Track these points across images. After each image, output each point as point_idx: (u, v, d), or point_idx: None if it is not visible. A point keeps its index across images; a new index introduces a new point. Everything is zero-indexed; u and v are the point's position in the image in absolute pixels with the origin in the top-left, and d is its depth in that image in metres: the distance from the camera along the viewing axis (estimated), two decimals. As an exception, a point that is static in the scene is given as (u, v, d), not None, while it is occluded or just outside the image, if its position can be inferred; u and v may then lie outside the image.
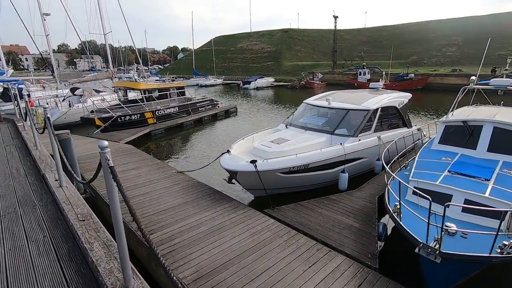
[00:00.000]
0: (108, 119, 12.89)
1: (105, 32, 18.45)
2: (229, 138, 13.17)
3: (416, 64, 47.27)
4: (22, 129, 6.94)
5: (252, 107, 23.28)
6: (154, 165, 8.09)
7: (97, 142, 8.50)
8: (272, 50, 58.59)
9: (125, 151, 9.60)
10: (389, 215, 4.34)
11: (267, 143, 7.09)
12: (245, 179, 6.27)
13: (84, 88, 17.05)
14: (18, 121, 8.06)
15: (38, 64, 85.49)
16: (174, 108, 15.74)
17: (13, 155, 5.40)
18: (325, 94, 9.60)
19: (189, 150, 11.72)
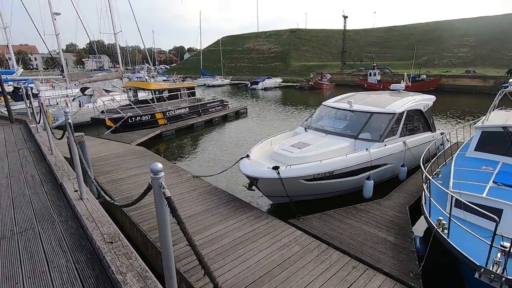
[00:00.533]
0: (119, 120, 12.68)
1: (115, 32, 18.30)
2: (241, 140, 12.88)
3: (427, 65, 46.44)
4: (35, 131, 6.69)
5: (261, 108, 22.96)
6: (169, 169, 7.81)
7: (109, 143, 8.15)
8: (280, 50, 58.20)
9: (137, 153, 9.35)
10: (432, 230, 3.97)
11: (288, 147, 6.76)
12: (266, 186, 5.95)
13: (94, 88, 16.92)
14: (30, 122, 7.85)
15: (47, 63, 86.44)
16: (184, 109, 15.49)
17: (27, 160, 5.12)
18: (344, 96, 9.22)
19: (201, 153, 11.44)
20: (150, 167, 1.82)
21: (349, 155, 6.27)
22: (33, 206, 3.40)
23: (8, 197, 3.66)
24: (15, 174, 4.65)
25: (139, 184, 6.69)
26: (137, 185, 6.63)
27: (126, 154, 9.28)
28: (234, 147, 11.87)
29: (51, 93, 22.63)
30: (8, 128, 8.15)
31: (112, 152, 9.49)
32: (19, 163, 5.03)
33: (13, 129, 7.63)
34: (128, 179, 7.06)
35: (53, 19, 22.11)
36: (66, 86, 23.69)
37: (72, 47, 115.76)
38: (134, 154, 9.23)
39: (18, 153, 5.49)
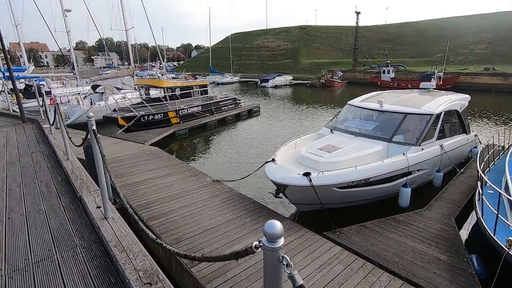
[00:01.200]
0: (132, 119, 12.34)
1: (127, 28, 17.98)
2: (256, 141, 12.41)
3: (442, 62, 45.20)
4: (49, 132, 6.35)
5: (273, 107, 22.43)
6: (186, 172, 7.39)
7: (122, 143, 7.74)
8: (289, 48, 57.38)
9: (152, 154, 8.96)
10: (501, 252, 3.43)
11: (316, 151, 6.26)
12: (295, 193, 5.47)
13: (105, 86, 16.64)
14: (43, 121, 7.53)
15: (57, 61, 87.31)
16: (197, 107, 15.09)
17: (40, 166, 4.75)
18: (371, 95, 8.67)
19: (216, 154, 10.99)
20: (264, 229, 1.33)
21: (386, 160, 5.74)
22: (50, 225, 2.99)
23: (22, 213, 3.26)
24: (28, 183, 4.27)
25: (157, 189, 6.28)
26: (155, 190, 6.22)
27: (140, 155, 8.90)
28: (250, 148, 11.41)
29: (62, 90, 22.55)
30: (20, 129, 7.91)
31: (126, 152, 9.13)
32: (32, 169, 4.66)
33: (25, 129, 7.32)
34: (144, 183, 6.66)
35: (64, 15, 21.96)
36: (77, 83, 23.61)
37: (81, 44, 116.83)
38: (148, 155, 8.85)
39: (32, 157, 5.11)
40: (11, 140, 6.27)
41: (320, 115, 18.51)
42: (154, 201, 5.72)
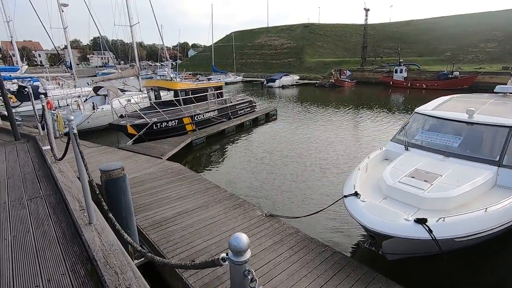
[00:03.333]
0: (142, 127, 10.72)
1: (132, 24, 16.30)
2: (286, 152, 10.86)
3: (451, 61, 44.02)
4: (52, 159, 4.63)
5: (288, 109, 20.88)
6: (226, 200, 5.84)
7: (135, 157, 5.87)
8: (293, 46, 55.78)
9: (175, 173, 7.38)
10: None
11: (408, 179, 4.74)
12: (399, 245, 3.96)
13: (108, 88, 14.96)
14: (42, 140, 5.85)
15: (52, 60, 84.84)
16: (213, 112, 13.50)
17: (45, 235, 2.89)
18: (442, 101, 7.20)
19: (245, 171, 9.30)
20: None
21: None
22: None
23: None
24: (25, 270, 2.56)
25: (199, 231, 4.73)
26: (197, 234, 4.66)
27: (162, 174, 7.32)
28: (283, 160, 9.86)
29: (59, 92, 20.76)
30: (11, 151, 5.99)
31: (143, 171, 7.53)
32: (30, 241, 2.85)
33: (18, 152, 5.65)
34: (178, 221, 5.09)
35: (60, 10, 20.22)
36: (75, 84, 21.86)
37: (75, 43, 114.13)
38: (171, 175, 7.26)
39: (28, 208, 3.32)
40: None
41: (345, 119, 17.02)
42: (199, 251, 4.18)
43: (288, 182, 7.98)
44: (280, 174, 8.58)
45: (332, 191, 7.38)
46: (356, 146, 11.15)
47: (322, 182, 7.90)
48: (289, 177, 8.35)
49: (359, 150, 10.59)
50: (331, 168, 8.82)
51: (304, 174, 8.46)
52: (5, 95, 5.89)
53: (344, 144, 11.46)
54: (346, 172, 8.47)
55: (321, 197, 7.08)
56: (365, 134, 13.16)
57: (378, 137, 12.51)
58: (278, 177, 8.38)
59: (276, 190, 7.63)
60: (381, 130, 13.79)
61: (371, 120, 16.44)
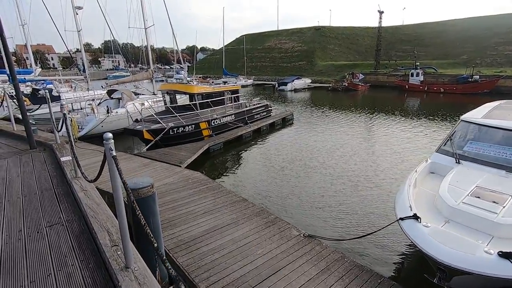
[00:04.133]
0: (159, 132, 10.29)
1: (146, 26, 16.02)
2: (308, 161, 10.27)
3: (467, 64, 42.81)
4: (72, 172, 4.11)
5: (303, 114, 20.27)
6: (256, 216, 5.30)
7: (153, 165, 5.26)
8: (304, 49, 55.24)
9: (198, 183, 6.87)
10: None
11: (473, 200, 4.12)
12: (476, 282, 3.35)
13: (122, 91, 14.65)
14: (59, 149, 5.41)
15: (64, 63, 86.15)
16: (230, 117, 13.02)
17: (65, 260, 2.33)
18: (490, 108, 6.55)
19: (269, 180, 8.75)
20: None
21: None
22: None
23: None
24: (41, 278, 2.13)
25: (229, 256, 4.18)
26: (229, 258, 4.12)
27: (183, 184, 6.82)
28: (306, 170, 9.27)
29: (72, 95, 20.64)
30: (26, 162, 5.48)
31: (164, 181, 7.05)
32: (47, 253, 2.44)
33: (34, 163, 5.23)
34: (206, 240, 4.57)
35: (74, 13, 20.11)
36: (88, 87, 21.73)
37: (87, 46, 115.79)
38: (194, 185, 6.76)
39: (48, 240, 2.71)
40: (10, 188, 4.23)
41: (364, 125, 16.35)
42: (235, 280, 3.64)
43: (317, 197, 7.31)
44: (306, 188, 7.92)
45: (369, 209, 6.73)
46: (383, 155, 10.47)
47: (356, 198, 7.24)
48: (316, 191, 7.70)
49: (386, 160, 9.93)
50: (362, 181, 8.17)
51: (333, 188, 7.81)
52: (21, 100, 5.48)
53: (370, 153, 10.80)
54: (380, 186, 7.83)
55: (358, 216, 6.46)
56: (390, 141, 12.47)
57: (406, 145, 11.83)
58: (305, 191, 7.72)
59: (304, 206, 7.00)
60: (408, 138, 13.08)
61: (393, 126, 15.73)
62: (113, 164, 1.68)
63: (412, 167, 9.17)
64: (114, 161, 1.69)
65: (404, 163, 9.50)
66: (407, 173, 8.50)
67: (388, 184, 7.95)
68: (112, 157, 1.71)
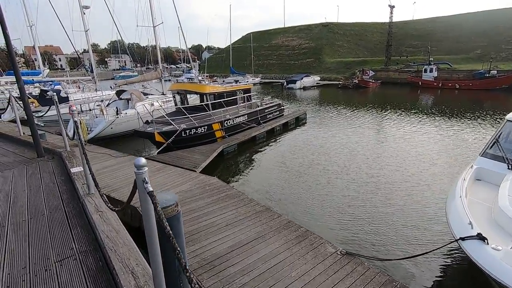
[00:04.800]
0: (171, 134, 9.85)
1: (155, 24, 15.59)
2: (327, 165, 9.71)
3: (481, 59, 41.52)
4: (82, 185, 3.78)
5: (315, 113, 19.65)
6: (285, 229, 4.80)
7: (167, 169, 4.79)
8: (312, 46, 54.36)
9: (216, 190, 6.40)
10: None
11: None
12: None
13: (131, 91, 14.27)
14: (68, 157, 5.07)
15: (71, 64, 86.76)
16: (243, 117, 12.52)
17: (72, 286, 2.02)
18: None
19: (283, 187, 8.27)
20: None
21: None
22: None
23: None
24: None
25: (261, 278, 3.69)
26: (260, 282, 3.63)
27: (200, 192, 6.35)
28: (326, 175, 8.71)
29: (80, 96, 20.40)
30: (33, 173, 4.95)
31: (178, 187, 6.60)
32: None
33: (41, 175, 4.70)
34: (232, 259, 4.08)
35: (82, 13, 19.80)
36: (96, 87, 21.47)
37: (94, 47, 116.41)
38: (211, 193, 6.29)
39: (58, 281, 2.22)
40: (15, 207, 3.76)
41: (381, 124, 15.70)
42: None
43: (344, 208, 6.69)
44: (329, 196, 7.30)
45: (404, 221, 6.05)
46: (408, 158, 9.78)
47: (388, 208, 6.57)
48: (342, 200, 7.07)
49: (413, 164, 9.29)
50: (391, 189, 7.55)
51: (360, 197, 7.17)
52: (27, 106, 5.03)
53: (394, 155, 10.17)
54: (412, 195, 7.14)
55: (394, 230, 5.84)
56: (412, 142, 11.82)
57: (432, 147, 11.18)
58: (328, 200, 7.10)
59: (330, 217, 6.41)
60: (431, 138, 12.41)
61: (412, 125, 15.04)
62: (149, 201, 1.21)
63: (443, 172, 8.50)
64: (150, 198, 1.21)
65: (433, 168, 8.82)
66: (440, 179, 7.92)
67: (420, 192, 7.30)
68: (148, 193, 1.24)
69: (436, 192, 7.23)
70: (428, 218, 6.11)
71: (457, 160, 9.50)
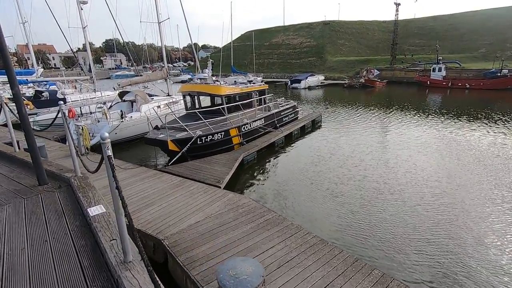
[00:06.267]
0: (185, 142, 8.75)
1: (160, 20, 14.45)
2: (354, 177, 8.72)
3: (486, 58, 40.94)
4: (111, 242, 2.55)
5: (328, 115, 18.63)
6: (359, 273, 3.79)
7: (186, 184, 3.91)
8: (313, 45, 53.37)
9: (251, 214, 5.35)
10: None
11: None
12: None
13: (136, 92, 13.14)
14: (83, 190, 3.72)
15: (66, 63, 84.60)
16: (260, 121, 11.47)
17: None
18: None
19: (318, 206, 7.24)
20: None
21: None
22: None
23: None
24: None
25: None
26: None
27: (234, 216, 5.29)
28: (365, 194, 7.70)
29: (78, 97, 19.16)
30: (33, 213, 3.50)
31: (205, 210, 5.53)
32: None
33: (46, 216, 3.37)
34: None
35: (79, 8, 18.53)
36: (95, 88, 20.24)
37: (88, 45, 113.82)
38: (247, 217, 5.24)
39: None
40: (7, 278, 2.38)
41: (402, 127, 14.75)
42: None
43: (398, 240, 5.45)
44: (381, 222, 6.08)
45: (492, 258, 5.00)
46: (458, 170, 8.64)
47: (460, 238, 5.48)
48: (396, 229, 5.82)
49: (461, 175, 8.32)
50: (446, 205, 6.52)
51: (415, 221, 6.00)
52: (26, 122, 3.82)
53: (433, 164, 9.16)
54: (485, 217, 6.11)
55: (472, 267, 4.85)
56: (449, 148, 10.84)
57: (471, 153, 10.23)
58: (382, 228, 5.85)
59: (386, 246, 5.34)
60: (466, 142, 11.50)
61: (437, 127, 14.11)
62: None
63: (499, 184, 7.31)
64: None
65: (488, 182, 7.73)
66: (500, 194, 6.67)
67: (485, 217, 6.20)
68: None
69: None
70: None
71: (507, 166, 8.54)
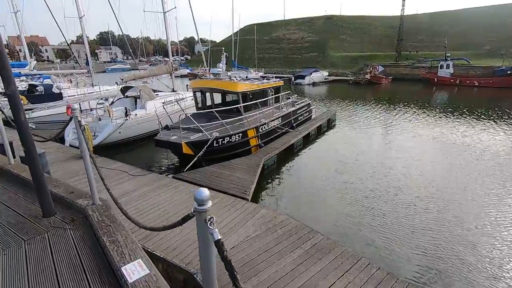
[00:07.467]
0: (201, 144, 7.85)
1: (165, 10, 13.40)
2: (390, 182, 7.94)
3: (491, 55, 40.40)
4: None
5: (339, 113, 17.76)
6: None
7: (207, 194, 2.62)
8: (315, 40, 52.32)
9: (294, 236, 4.51)
10: None
11: None
12: None
13: (140, 88, 12.15)
14: (103, 227, 2.48)
15: (59, 55, 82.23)
16: (277, 120, 10.61)
17: None
18: None
19: (353, 222, 6.44)
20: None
21: None
22: None
23: None
24: None
25: None
26: None
27: (274, 240, 4.46)
28: (407, 207, 6.93)
29: (75, 92, 18.06)
30: (39, 259, 2.33)
31: (237, 231, 4.68)
32: None
33: (56, 267, 2.20)
34: None
35: (76, -3, 17.36)
36: (92, 82, 19.16)
37: (82, 38, 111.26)
38: (289, 241, 4.41)
39: None
40: None
41: (421, 125, 14.01)
42: None
43: (462, 268, 4.67)
44: (432, 242, 5.29)
45: None
46: (492, 171, 8.12)
47: None
48: (454, 253, 5.03)
49: (496, 183, 7.61)
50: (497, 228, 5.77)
51: (483, 252, 5.05)
52: (27, 134, 2.85)
53: (464, 166, 8.48)
54: None
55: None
56: (480, 150, 10.16)
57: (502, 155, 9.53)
58: (435, 248, 5.12)
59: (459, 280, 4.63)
60: (498, 143, 10.80)
61: (464, 127, 13.39)
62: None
63: None
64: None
65: None
66: None
67: None
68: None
69: None
70: None
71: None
